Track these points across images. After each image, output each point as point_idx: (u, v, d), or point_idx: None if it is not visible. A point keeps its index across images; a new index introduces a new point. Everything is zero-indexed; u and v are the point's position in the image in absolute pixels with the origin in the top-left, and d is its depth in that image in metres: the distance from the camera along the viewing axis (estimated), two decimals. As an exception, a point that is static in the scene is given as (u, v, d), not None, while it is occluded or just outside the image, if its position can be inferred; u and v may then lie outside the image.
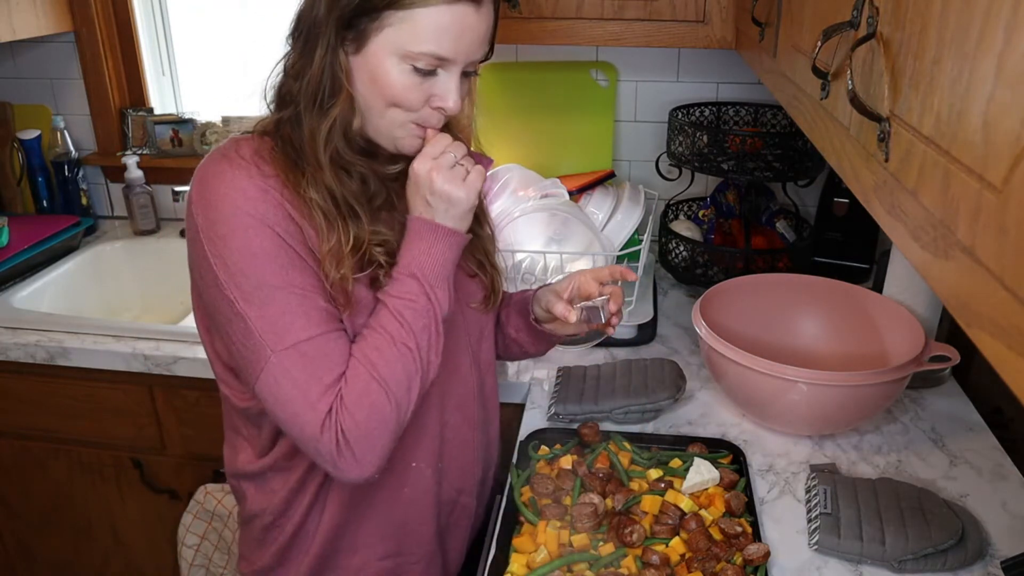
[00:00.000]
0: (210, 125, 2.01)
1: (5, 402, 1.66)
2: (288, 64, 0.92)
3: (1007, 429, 1.27)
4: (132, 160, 1.99)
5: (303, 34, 0.89)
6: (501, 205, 1.61)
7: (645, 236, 1.62)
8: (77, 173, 2.04)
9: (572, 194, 1.65)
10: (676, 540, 0.99)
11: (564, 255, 1.55)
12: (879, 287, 1.39)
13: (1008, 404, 1.29)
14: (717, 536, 1.00)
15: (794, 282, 1.42)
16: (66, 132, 2.02)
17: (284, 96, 0.92)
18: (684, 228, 1.71)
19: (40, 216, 2.02)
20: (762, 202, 1.75)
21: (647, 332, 1.53)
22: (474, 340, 1.10)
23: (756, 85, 1.78)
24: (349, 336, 0.92)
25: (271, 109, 0.94)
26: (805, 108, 0.89)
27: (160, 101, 2.12)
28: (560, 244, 1.59)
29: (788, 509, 1.09)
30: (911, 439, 1.24)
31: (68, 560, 1.83)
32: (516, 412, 1.35)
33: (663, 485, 1.08)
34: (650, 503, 1.04)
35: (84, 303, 1.87)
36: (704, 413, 1.31)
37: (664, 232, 1.73)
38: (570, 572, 0.96)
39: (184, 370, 1.51)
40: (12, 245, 1.79)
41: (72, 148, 2.04)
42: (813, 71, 0.73)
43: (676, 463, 1.13)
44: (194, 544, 1.45)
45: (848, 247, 1.72)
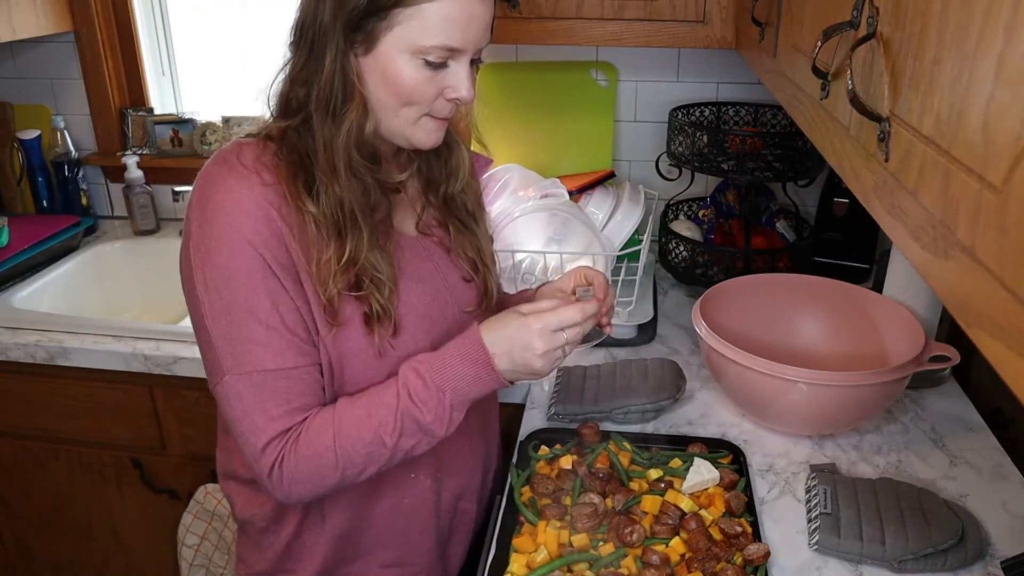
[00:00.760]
0: (210, 125, 2.01)
1: (5, 402, 1.66)
2: (293, 71, 0.89)
3: (1007, 429, 1.27)
4: (132, 160, 1.99)
5: (308, 41, 0.87)
6: (501, 205, 1.61)
7: (645, 236, 1.62)
8: (77, 173, 2.04)
9: (572, 194, 1.65)
10: (676, 540, 0.99)
11: (564, 255, 1.54)
12: (879, 287, 1.39)
13: (1008, 404, 1.29)
14: (717, 536, 1.00)
15: (794, 282, 1.42)
16: (66, 132, 2.02)
17: (291, 104, 0.90)
18: (684, 228, 1.71)
19: (40, 216, 2.02)
20: (762, 202, 1.75)
21: (647, 332, 1.53)
22: None
23: (756, 85, 1.78)
24: (318, 365, 0.91)
25: (274, 117, 0.92)
26: (805, 108, 0.89)
27: (160, 101, 2.12)
28: (560, 244, 1.59)
29: (788, 509, 1.09)
30: (911, 439, 1.24)
31: (68, 560, 1.83)
32: (516, 412, 1.35)
33: (663, 485, 1.08)
34: (650, 503, 1.04)
35: (84, 303, 1.87)
36: (704, 413, 1.31)
37: (664, 232, 1.73)
38: (570, 572, 0.96)
39: (184, 370, 1.51)
40: (12, 245, 1.79)
41: (72, 148, 2.04)
42: (813, 71, 0.73)
43: (676, 463, 1.13)
44: (194, 544, 1.44)
45: (848, 247, 1.72)
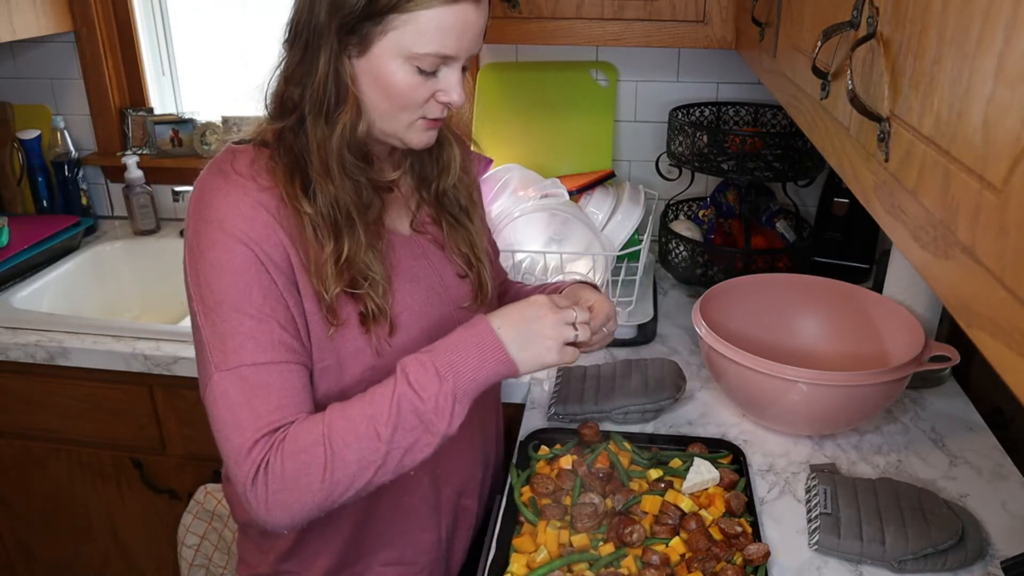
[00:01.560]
0: (210, 125, 2.01)
1: (5, 402, 1.66)
2: (287, 71, 0.90)
3: (1007, 429, 1.27)
4: (132, 160, 1.99)
5: (302, 40, 0.87)
6: (501, 205, 1.61)
7: (645, 236, 1.62)
8: (77, 173, 2.04)
9: (572, 194, 1.65)
10: (676, 540, 0.99)
11: (564, 255, 1.55)
12: (879, 287, 1.39)
13: (1008, 404, 1.29)
14: (717, 536, 1.00)
15: (794, 282, 1.42)
16: (66, 132, 2.02)
17: (286, 103, 0.90)
18: (684, 228, 1.71)
19: (40, 216, 2.02)
20: (762, 202, 1.75)
21: (647, 332, 1.53)
22: None
23: (756, 85, 1.78)
24: (309, 368, 0.90)
25: (270, 117, 0.93)
26: (805, 108, 0.89)
27: (160, 101, 2.12)
28: (560, 244, 1.59)
29: (788, 509, 1.09)
30: (911, 439, 1.24)
31: (68, 560, 1.83)
32: (516, 412, 1.35)
33: (663, 485, 1.08)
34: (650, 503, 1.04)
35: (84, 303, 1.87)
36: (704, 413, 1.31)
37: (664, 232, 1.73)
38: (570, 572, 0.96)
39: (184, 370, 1.51)
40: (12, 245, 1.79)
41: (72, 148, 2.04)
42: (813, 71, 0.73)
43: (676, 463, 1.13)
44: (194, 544, 1.45)
45: (848, 247, 1.72)
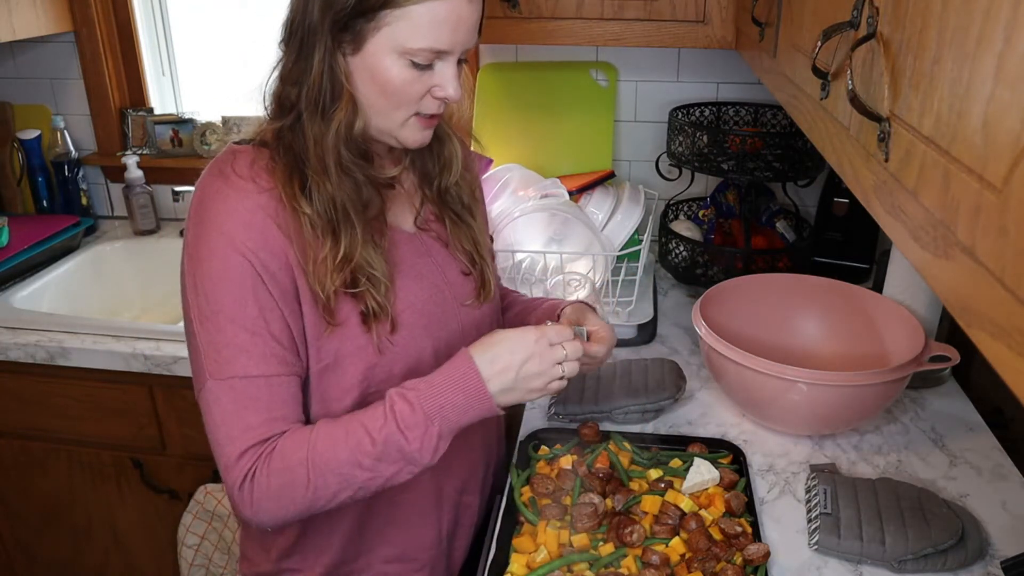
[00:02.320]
0: (210, 125, 2.01)
1: (5, 402, 1.66)
2: (284, 71, 0.91)
3: (1007, 429, 1.27)
4: (132, 160, 1.99)
5: (297, 40, 0.88)
6: (501, 205, 1.61)
7: (645, 236, 1.62)
8: (77, 173, 2.04)
9: (572, 194, 1.65)
10: (676, 540, 0.99)
11: (564, 255, 1.55)
12: (879, 287, 1.39)
13: (1008, 404, 1.29)
14: (717, 536, 1.00)
15: (794, 282, 1.42)
16: (66, 132, 2.02)
17: (284, 103, 0.91)
18: (684, 228, 1.71)
19: (40, 216, 2.02)
20: (762, 202, 1.75)
21: (647, 332, 1.53)
22: (471, 340, 1.10)
23: (756, 85, 1.78)
24: (302, 376, 0.92)
25: (269, 117, 0.93)
26: (805, 108, 0.89)
27: (160, 101, 2.12)
28: (560, 244, 1.59)
29: (788, 509, 1.09)
30: (911, 439, 1.24)
31: (68, 560, 1.83)
32: (516, 412, 1.35)
33: (663, 485, 1.08)
34: (650, 503, 1.04)
35: (84, 303, 1.87)
36: (704, 413, 1.31)
37: (664, 232, 1.73)
38: (570, 572, 0.96)
39: (184, 370, 1.51)
40: (12, 245, 1.79)
41: (72, 148, 2.04)
42: (813, 71, 0.73)
43: (676, 463, 1.13)
44: (194, 544, 1.45)
45: (848, 247, 1.72)
